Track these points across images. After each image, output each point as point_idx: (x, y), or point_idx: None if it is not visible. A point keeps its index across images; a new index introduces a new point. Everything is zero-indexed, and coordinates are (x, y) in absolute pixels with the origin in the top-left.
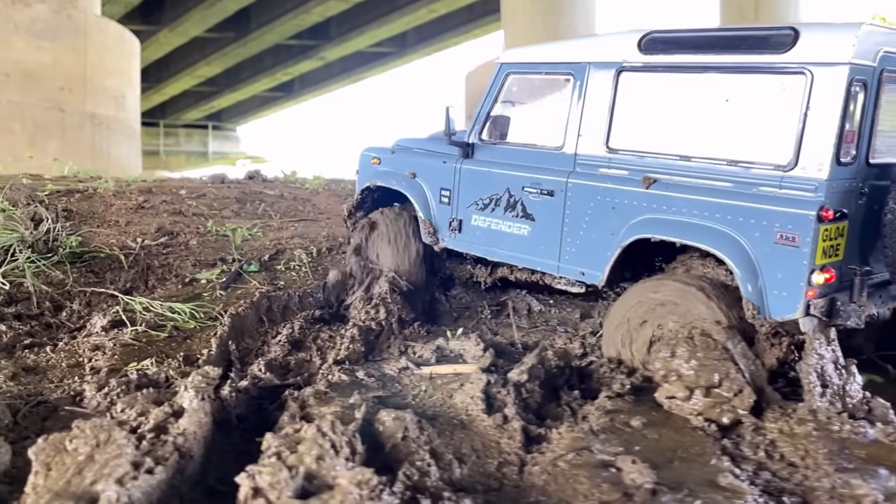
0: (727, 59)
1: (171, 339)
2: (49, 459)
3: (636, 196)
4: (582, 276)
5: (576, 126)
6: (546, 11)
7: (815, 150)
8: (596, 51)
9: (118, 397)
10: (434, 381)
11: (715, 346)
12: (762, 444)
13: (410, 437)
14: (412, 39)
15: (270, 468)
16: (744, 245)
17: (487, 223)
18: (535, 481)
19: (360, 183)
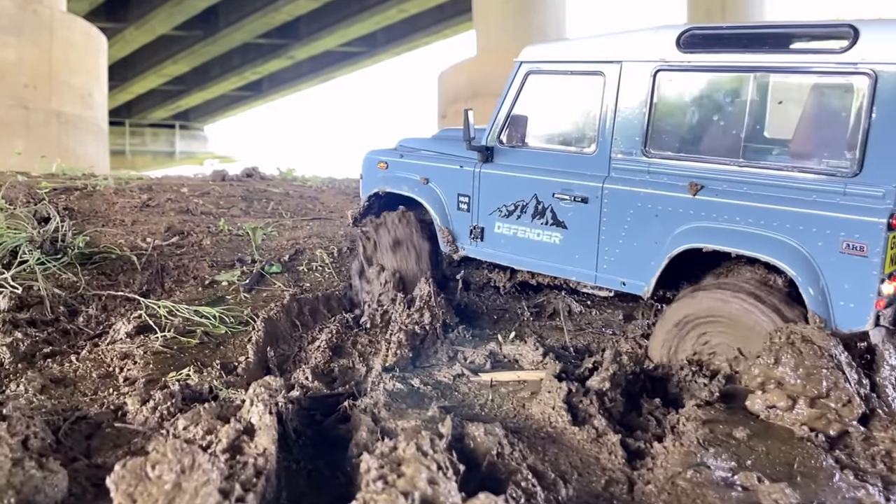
0: (778, 59)
1: (203, 345)
2: (132, 489)
3: (682, 203)
4: (623, 286)
5: (609, 129)
6: (517, 11)
7: (881, 155)
8: (630, 48)
9: (168, 412)
10: (496, 388)
11: (821, 353)
12: (878, 456)
13: (505, 454)
14: (382, 39)
15: (386, 496)
16: (806, 255)
17: (513, 231)
18: (653, 501)
19: (366, 188)
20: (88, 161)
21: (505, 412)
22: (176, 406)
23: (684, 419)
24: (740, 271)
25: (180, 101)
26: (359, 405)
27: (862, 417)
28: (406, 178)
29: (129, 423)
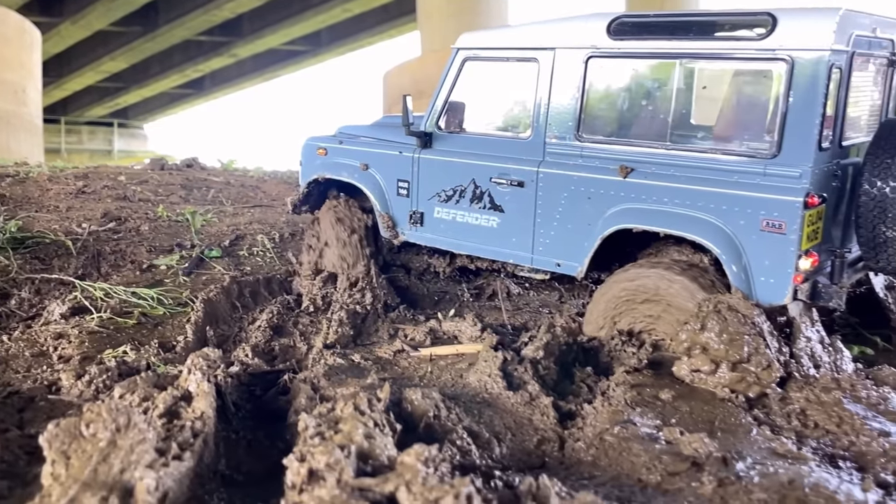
0: (703, 46)
1: (141, 325)
2: (65, 447)
3: (613, 185)
4: (558, 267)
5: (544, 114)
6: (461, 13)
7: (798, 137)
8: (563, 35)
9: (104, 385)
10: (435, 362)
11: (744, 321)
12: (793, 414)
13: (442, 416)
14: (326, 38)
15: (323, 448)
16: (729, 233)
17: (452, 215)
18: (582, 457)
19: (305, 175)
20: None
21: (444, 382)
22: (112, 380)
23: (614, 384)
24: (668, 251)
25: (119, 99)
26: (298, 377)
27: (780, 381)
28: (346, 164)
29: (64, 397)
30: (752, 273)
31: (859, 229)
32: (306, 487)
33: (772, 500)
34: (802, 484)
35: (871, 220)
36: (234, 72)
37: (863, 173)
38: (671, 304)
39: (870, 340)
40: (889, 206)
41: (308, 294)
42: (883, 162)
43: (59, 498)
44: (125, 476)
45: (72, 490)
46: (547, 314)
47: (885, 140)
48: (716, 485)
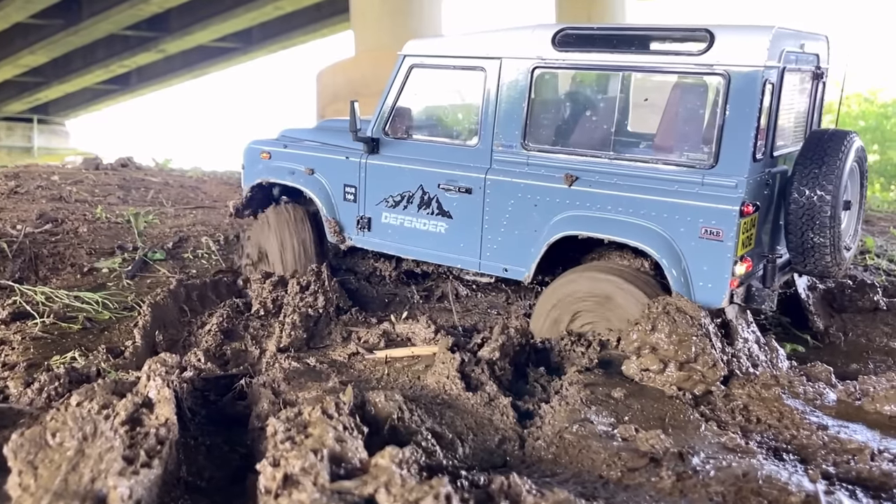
0: (644, 59)
1: (86, 330)
2: (31, 457)
3: (558, 193)
4: (505, 272)
5: (491, 122)
6: (395, 13)
7: (734, 148)
8: (509, 46)
9: (56, 392)
10: (391, 364)
11: (692, 322)
12: (737, 410)
13: (405, 418)
14: (258, 36)
15: (296, 453)
16: (669, 240)
17: (400, 221)
18: (543, 455)
19: (249, 178)
20: None
21: (401, 384)
22: (63, 387)
23: (567, 383)
24: (610, 256)
25: (39, 94)
26: (256, 382)
27: (723, 379)
28: (291, 168)
29: (13, 405)
30: (692, 278)
31: (789, 235)
32: (282, 492)
33: (728, 492)
34: (756, 476)
35: (799, 226)
36: (162, 68)
37: (792, 182)
38: (608, 304)
39: (801, 338)
40: (816, 214)
41: (258, 298)
42: (811, 171)
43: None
44: (97, 485)
45: (44, 500)
46: (496, 315)
47: (813, 151)
48: (675, 479)
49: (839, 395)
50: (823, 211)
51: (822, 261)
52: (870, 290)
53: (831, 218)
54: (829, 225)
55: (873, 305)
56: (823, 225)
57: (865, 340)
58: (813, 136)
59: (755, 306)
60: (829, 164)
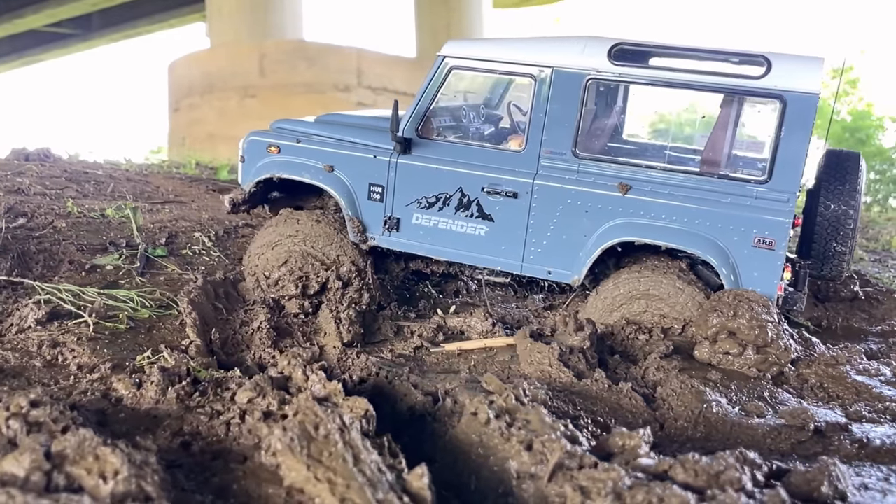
0: (702, 79)
1: (134, 330)
2: (308, 450)
3: (611, 201)
4: (548, 274)
5: (539, 129)
6: (254, 6)
7: (787, 165)
8: (561, 56)
9: (186, 392)
10: (463, 357)
11: (766, 310)
12: (814, 387)
13: (552, 405)
14: (98, 23)
15: (550, 437)
16: (723, 247)
17: (433, 222)
18: (691, 434)
19: (252, 173)
20: None
21: (495, 374)
22: (187, 388)
23: (653, 369)
24: (648, 259)
25: None
26: None
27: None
28: (306, 164)
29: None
30: (742, 283)
31: (813, 244)
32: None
33: None
34: None
35: (824, 236)
36: None
37: (818, 197)
38: (667, 299)
39: (800, 325)
40: (841, 225)
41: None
42: (835, 188)
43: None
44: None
45: (351, 488)
46: (516, 308)
47: (835, 169)
48: (857, 447)
49: (887, 371)
50: (847, 223)
51: (839, 266)
52: (849, 281)
53: (853, 230)
54: (851, 235)
55: (853, 295)
56: (846, 235)
57: (848, 325)
58: (832, 155)
59: (788, 308)
60: (850, 181)
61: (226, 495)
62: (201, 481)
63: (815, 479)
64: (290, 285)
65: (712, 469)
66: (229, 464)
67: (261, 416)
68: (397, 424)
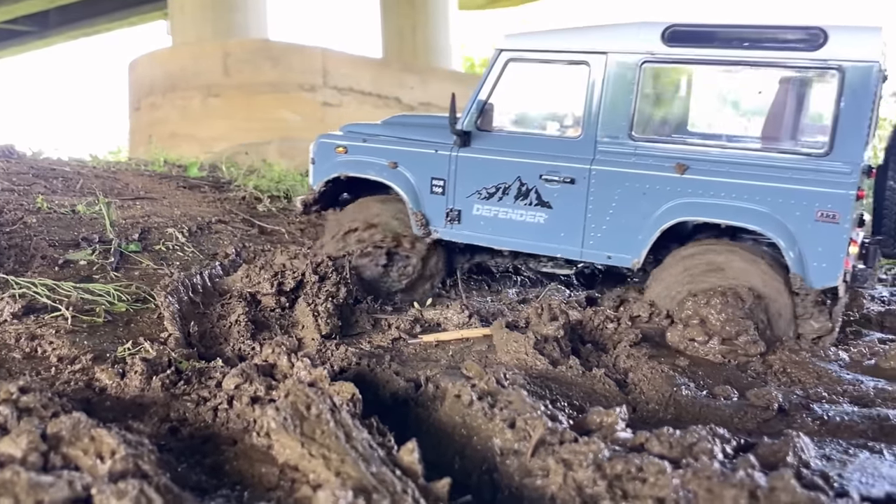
0: (758, 55)
1: (112, 323)
2: (301, 428)
3: (669, 181)
4: (608, 259)
5: (595, 115)
6: (216, 5)
7: (848, 137)
8: (615, 41)
9: (171, 380)
10: (441, 347)
11: (742, 305)
12: (778, 373)
13: (532, 390)
14: (56, 20)
15: (531, 415)
16: (784, 223)
17: (493, 212)
18: (662, 416)
19: (322, 173)
20: None
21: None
22: (173, 375)
23: (624, 356)
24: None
25: None
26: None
27: None
28: (371, 162)
29: (120, 394)
30: (806, 259)
31: (883, 220)
32: (538, 453)
33: (872, 429)
34: (886, 417)
35: (894, 211)
36: None
37: (887, 172)
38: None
39: None
40: None
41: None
42: None
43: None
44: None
45: (349, 463)
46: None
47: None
48: (819, 423)
49: (852, 356)
50: None
51: None
52: None
53: None
54: None
55: None
56: None
57: None
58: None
59: (859, 284)
60: None
61: (219, 475)
62: (193, 463)
63: (781, 449)
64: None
65: (685, 441)
66: (220, 446)
67: (249, 401)
68: (381, 410)
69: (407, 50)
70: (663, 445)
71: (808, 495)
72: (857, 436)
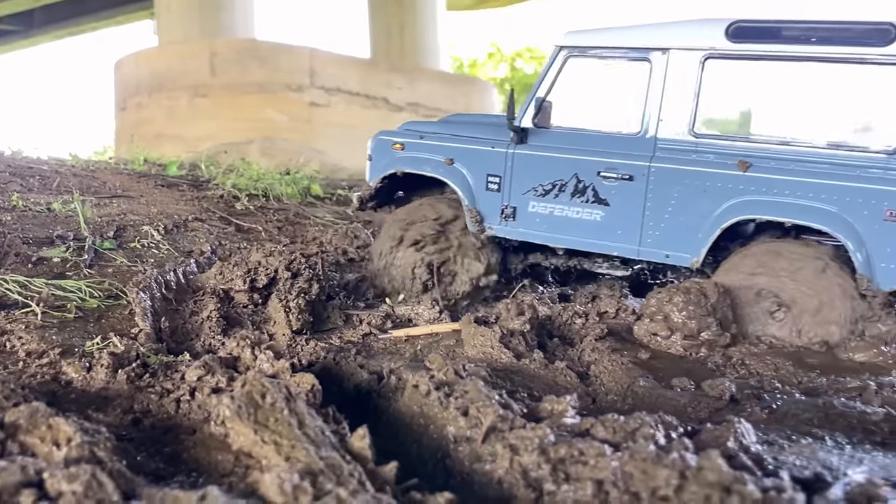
0: (825, 50)
1: (83, 319)
2: (256, 416)
3: (731, 179)
4: (666, 258)
5: (655, 111)
6: (203, 4)
7: None
8: (677, 37)
9: (136, 374)
10: (411, 342)
11: (705, 301)
12: (737, 365)
13: (494, 382)
14: (41, 19)
15: (485, 405)
16: (850, 222)
17: (549, 210)
18: (620, 406)
19: (378, 169)
20: None
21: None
22: (140, 369)
23: (588, 350)
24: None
25: None
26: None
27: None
28: (428, 159)
29: (85, 387)
30: (873, 258)
31: None
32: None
33: (816, 417)
34: (832, 405)
35: None
36: None
37: None
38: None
39: None
40: None
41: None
42: None
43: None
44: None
45: (299, 447)
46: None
47: None
48: (768, 412)
49: (812, 348)
50: None
51: None
52: None
53: None
54: None
55: None
56: None
57: None
58: None
59: None
60: None
61: (176, 463)
62: (153, 452)
63: (722, 434)
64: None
65: (629, 426)
66: (180, 436)
67: (210, 392)
68: (344, 402)
69: (395, 50)
70: (608, 430)
71: (734, 474)
72: (803, 423)
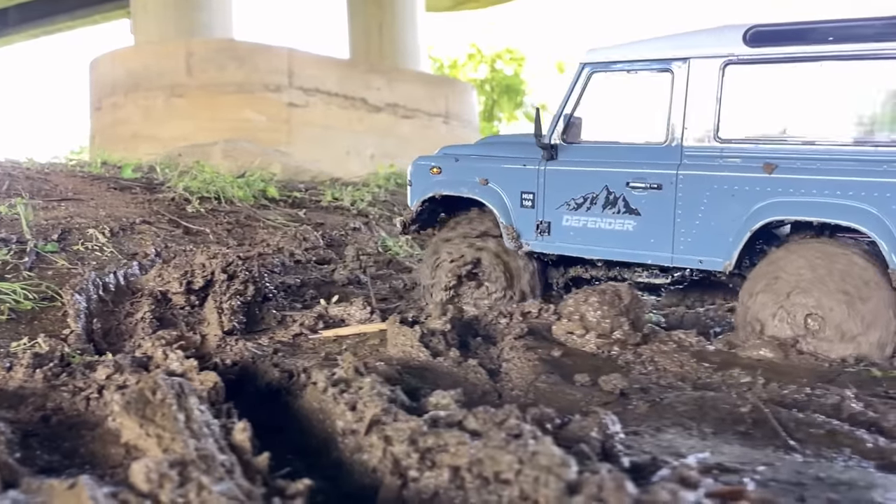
0: (844, 48)
1: (15, 321)
2: (144, 412)
3: (758, 182)
4: (700, 264)
5: (679, 120)
6: (180, 4)
7: None
8: (696, 46)
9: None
10: (339, 341)
11: (619, 302)
12: (647, 361)
13: (403, 380)
14: (15, 18)
15: (371, 401)
16: (882, 219)
17: (582, 222)
18: (523, 401)
19: (418, 194)
20: None
21: (363, 356)
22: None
23: (507, 348)
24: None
25: None
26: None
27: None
28: (464, 180)
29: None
30: None
31: None
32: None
33: (692, 409)
34: (711, 398)
35: None
36: None
37: None
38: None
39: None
40: None
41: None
42: None
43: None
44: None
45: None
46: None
47: None
48: (649, 406)
49: (717, 346)
50: None
51: None
52: None
53: None
54: None
55: None
56: None
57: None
58: None
59: None
60: None
61: (73, 456)
62: (53, 447)
63: (588, 425)
64: None
65: (497, 418)
66: (81, 431)
67: (116, 390)
68: (258, 400)
69: (374, 50)
70: (478, 422)
71: (563, 458)
72: (679, 415)
